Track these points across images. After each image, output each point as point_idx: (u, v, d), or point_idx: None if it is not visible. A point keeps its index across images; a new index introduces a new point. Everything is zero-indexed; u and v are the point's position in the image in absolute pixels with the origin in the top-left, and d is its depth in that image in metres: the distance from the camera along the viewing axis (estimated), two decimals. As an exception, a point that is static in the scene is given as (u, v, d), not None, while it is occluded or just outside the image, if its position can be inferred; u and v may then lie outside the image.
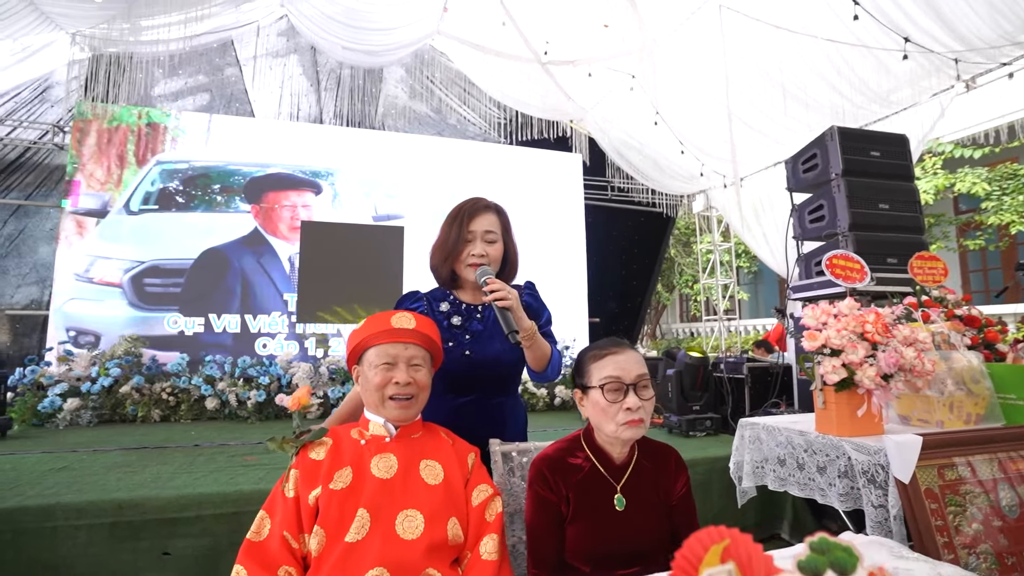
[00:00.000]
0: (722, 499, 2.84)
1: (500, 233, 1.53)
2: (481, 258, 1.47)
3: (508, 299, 1.32)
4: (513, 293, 1.35)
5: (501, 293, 1.32)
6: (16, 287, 5.29)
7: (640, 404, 1.20)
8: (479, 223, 1.50)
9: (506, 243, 1.55)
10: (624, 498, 1.22)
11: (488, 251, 1.49)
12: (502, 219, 1.57)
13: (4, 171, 5.36)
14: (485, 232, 1.50)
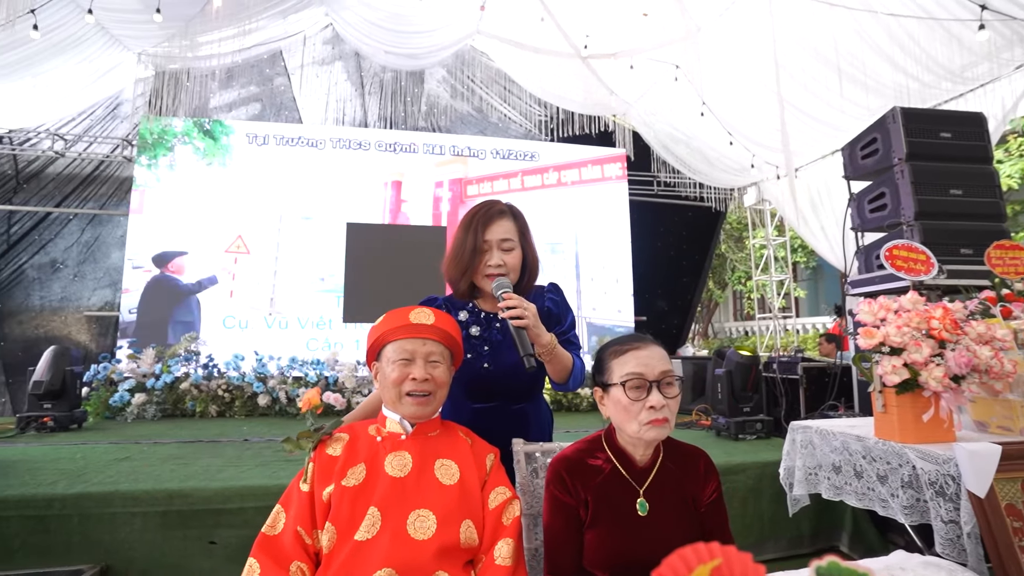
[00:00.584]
0: (772, 506, 2.68)
1: (517, 239, 1.45)
2: (499, 268, 1.40)
3: (525, 317, 1.25)
4: (531, 308, 1.27)
5: (517, 311, 1.24)
6: (93, 290, 5.71)
7: (664, 402, 1.12)
8: (494, 231, 1.42)
9: (524, 249, 1.47)
10: (647, 503, 1.15)
11: (505, 260, 1.41)
12: (518, 223, 1.48)
13: (81, 184, 5.79)
14: (501, 241, 1.42)
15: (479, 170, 6.00)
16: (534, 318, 1.27)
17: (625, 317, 5.95)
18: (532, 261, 1.49)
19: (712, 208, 6.72)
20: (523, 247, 1.47)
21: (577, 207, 6.09)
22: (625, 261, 6.12)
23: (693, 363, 4.87)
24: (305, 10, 5.65)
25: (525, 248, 1.47)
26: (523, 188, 5.98)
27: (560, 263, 5.87)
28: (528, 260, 1.48)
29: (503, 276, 1.39)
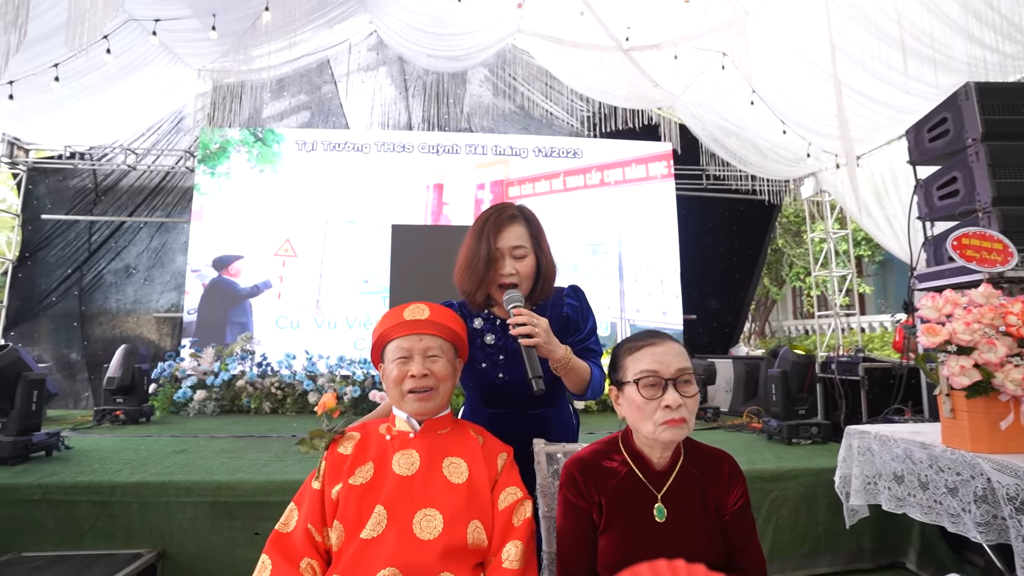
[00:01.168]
0: (828, 516, 2.50)
1: (530, 245, 1.39)
2: (511, 277, 1.34)
3: (535, 335, 1.18)
4: (542, 324, 1.20)
5: (527, 328, 1.18)
6: (160, 293, 6.10)
7: (681, 402, 1.06)
8: (505, 238, 1.36)
9: (538, 255, 1.40)
10: (665, 508, 1.08)
11: (518, 268, 1.35)
12: (531, 228, 1.42)
13: (150, 194, 6.19)
14: (512, 248, 1.36)
15: (521, 171, 5.97)
16: (546, 334, 1.20)
17: (670, 319, 5.75)
18: (547, 267, 1.42)
19: (765, 201, 6.40)
20: (537, 253, 1.40)
21: (620, 206, 5.94)
22: (672, 259, 5.92)
23: (745, 363, 4.64)
24: (350, 19, 5.81)
25: (539, 254, 1.40)
26: (565, 188, 5.90)
27: (602, 264, 5.75)
28: (543, 266, 1.40)
29: (514, 287, 1.33)
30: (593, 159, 6.07)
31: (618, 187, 5.99)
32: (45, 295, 5.93)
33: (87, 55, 4.67)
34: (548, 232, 1.51)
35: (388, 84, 6.56)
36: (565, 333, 1.39)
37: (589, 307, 1.49)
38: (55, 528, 2.42)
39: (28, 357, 2.92)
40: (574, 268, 5.70)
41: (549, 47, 5.86)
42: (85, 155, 6.09)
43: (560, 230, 5.78)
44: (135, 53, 5.02)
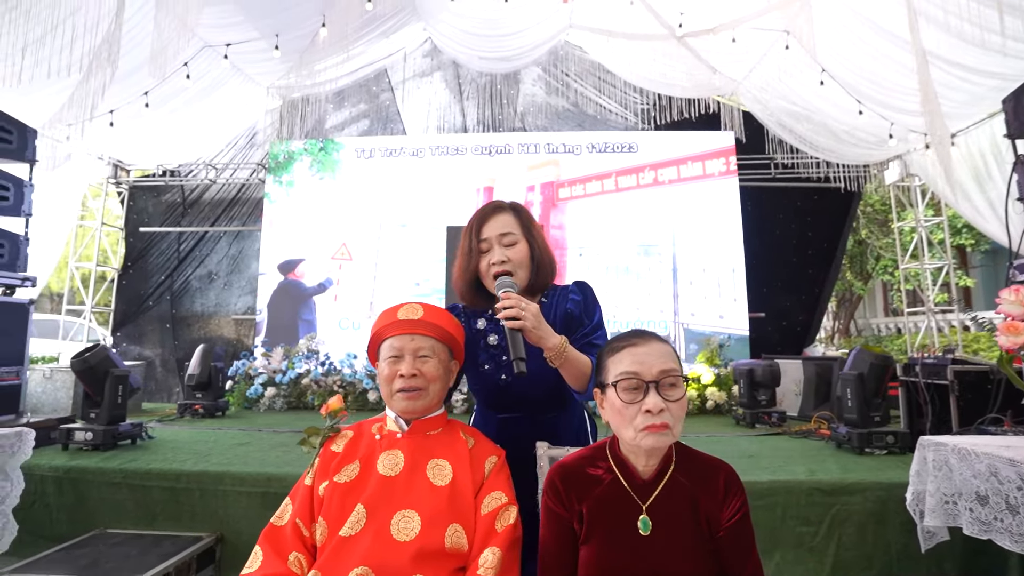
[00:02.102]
0: (903, 538, 2.24)
1: (520, 232, 1.34)
2: (502, 264, 1.29)
3: (522, 318, 1.14)
4: (531, 308, 1.16)
5: (512, 311, 1.14)
6: (238, 297, 6.57)
7: (663, 406, 0.98)
8: (492, 227, 1.33)
9: (531, 243, 1.35)
10: (650, 520, 1.00)
11: (509, 255, 1.30)
12: (520, 217, 1.37)
13: (229, 205, 6.69)
14: (501, 235, 1.32)
15: (572, 171, 5.86)
16: (534, 319, 1.15)
17: (729, 322, 5.39)
18: (543, 256, 1.36)
19: (842, 189, 5.88)
20: (529, 241, 1.34)
21: (675, 204, 5.66)
22: (734, 257, 5.54)
23: (816, 364, 4.29)
24: (404, 28, 5.98)
25: (532, 243, 1.35)
26: (617, 189, 5.73)
27: (655, 266, 5.52)
28: (538, 255, 1.35)
29: (507, 274, 1.28)
30: (649, 153, 5.84)
31: (673, 185, 5.72)
32: (143, 299, 6.57)
33: (171, 81, 5.12)
34: (599, 233, 1.45)
35: (443, 88, 6.68)
36: (570, 330, 1.34)
37: (596, 302, 1.42)
38: (132, 509, 2.66)
39: (115, 355, 3.23)
40: (625, 270, 5.52)
41: (602, 40, 5.73)
42: (175, 172, 6.68)
43: (612, 231, 5.63)
44: (211, 76, 5.44)
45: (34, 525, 2.65)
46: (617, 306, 5.44)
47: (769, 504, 2.34)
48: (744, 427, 3.92)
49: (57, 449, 2.99)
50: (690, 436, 3.55)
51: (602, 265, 5.56)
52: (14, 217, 3.45)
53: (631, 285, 5.50)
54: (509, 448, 1.33)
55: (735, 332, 5.35)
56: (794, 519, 2.29)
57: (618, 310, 5.43)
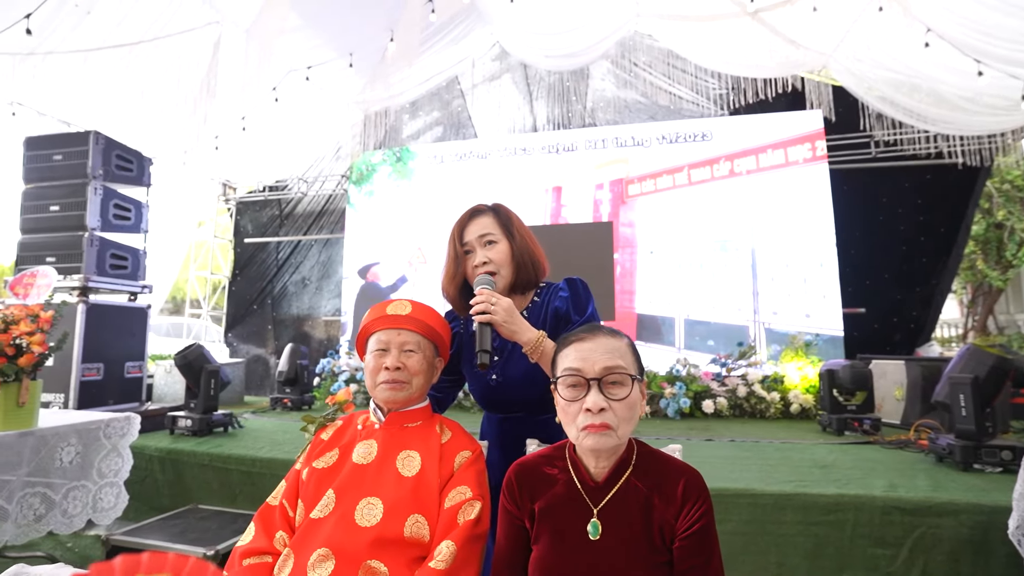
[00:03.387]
0: (1011, 573, 1.90)
1: (501, 232, 1.35)
2: (485, 265, 1.31)
3: (491, 312, 1.16)
4: (502, 303, 1.18)
5: (481, 306, 1.17)
6: (327, 300, 7.09)
7: (603, 405, 0.92)
8: (472, 230, 1.36)
9: (511, 242, 1.35)
10: (601, 525, 0.93)
11: (490, 255, 1.32)
12: (500, 218, 1.38)
13: (318, 216, 7.24)
14: (480, 237, 1.34)
15: (642, 167, 5.65)
16: (505, 313, 1.17)
17: (818, 321, 4.85)
18: (525, 255, 1.36)
19: (960, 164, 5.12)
20: (510, 240, 1.35)
21: (754, 195, 5.23)
22: (824, 249, 4.98)
23: (921, 366, 3.77)
24: (471, 34, 6.12)
25: (515, 242, 1.35)
26: (690, 183, 5.41)
27: (732, 262, 5.14)
28: (518, 254, 1.34)
29: (490, 274, 1.30)
30: (725, 143, 5.44)
31: (751, 176, 5.30)
32: (249, 303, 7.30)
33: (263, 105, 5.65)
34: (671, 230, 1.43)
35: (512, 90, 6.74)
36: (558, 327, 1.32)
37: (587, 298, 1.37)
38: (218, 488, 2.97)
39: (209, 353, 3.63)
40: (699, 267, 5.20)
41: (672, 26, 5.47)
42: (274, 187, 7.35)
43: (685, 227, 5.34)
44: (298, 97, 5.92)
45: (144, 497, 3.06)
46: (691, 305, 5.15)
47: (837, 521, 2.10)
48: (830, 434, 3.55)
49: (165, 434, 3.41)
50: (762, 443, 3.28)
51: (675, 263, 5.30)
52: (134, 234, 3.99)
53: (706, 283, 5.18)
54: (512, 448, 1.32)
55: (825, 331, 4.84)
56: (865, 539, 2.03)
57: (692, 310, 5.14)
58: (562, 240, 5.70)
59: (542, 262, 1.41)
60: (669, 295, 5.24)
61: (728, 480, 2.37)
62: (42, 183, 3.67)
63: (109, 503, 2.58)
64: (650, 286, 5.34)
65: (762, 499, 2.20)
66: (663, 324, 5.22)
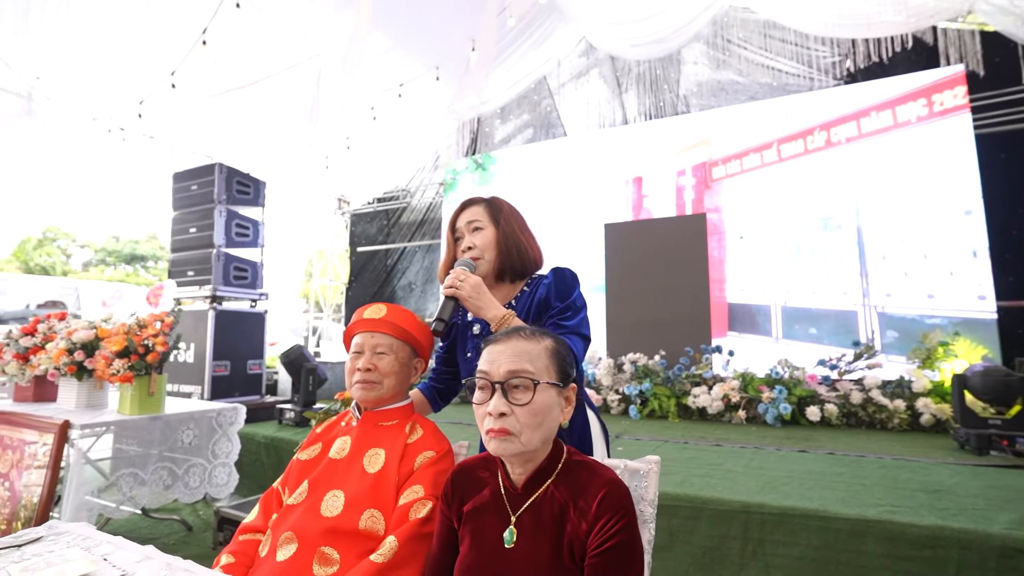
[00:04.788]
0: None
1: (487, 219, 1.40)
2: (470, 251, 1.37)
3: (457, 287, 1.22)
4: (470, 280, 1.23)
5: (451, 280, 1.24)
6: (432, 302, 7.52)
7: (504, 409, 0.89)
8: (463, 218, 1.42)
9: (498, 229, 1.39)
10: (516, 533, 0.88)
11: (475, 240, 1.37)
12: (490, 207, 1.43)
13: (421, 223, 7.71)
14: (468, 223, 1.40)
15: (726, 148, 5.20)
16: (472, 289, 1.22)
17: (945, 303, 4.08)
18: (511, 242, 1.38)
19: None
20: (496, 227, 1.38)
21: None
22: (975, 221, 4.18)
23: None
24: (553, 34, 6.11)
25: (503, 229, 1.38)
26: (780, 159, 4.86)
27: (836, 241, 4.50)
28: (503, 241, 1.37)
29: (473, 258, 1.35)
30: (846, 110, 4.80)
31: (852, 145, 4.59)
32: (364, 307, 8.00)
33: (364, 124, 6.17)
34: (762, 211, 1.40)
35: (600, 85, 6.60)
36: (541, 315, 1.33)
37: (571, 286, 1.36)
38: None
39: (308, 353, 4.06)
40: (796, 249, 4.64)
41: (769, -8, 4.97)
42: (382, 199, 7.98)
43: (777, 207, 4.82)
44: (395, 114, 6.37)
45: (253, 478, 3.50)
46: (789, 291, 4.64)
47: (935, 558, 1.77)
48: (968, 453, 2.96)
49: (275, 423, 3.88)
50: (868, 458, 2.85)
51: (768, 247, 4.81)
52: (253, 248, 4.59)
53: (805, 266, 4.63)
54: None
55: (959, 315, 4.03)
56: (971, 584, 1.68)
57: (790, 296, 4.63)
58: (652, 235, 5.44)
59: (531, 252, 1.43)
60: (763, 282, 4.80)
61: (801, 498, 2.10)
62: (183, 210, 4.38)
63: (222, 480, 3.00)
64: (741, 273, 4.93)
65: (835, 523, 1.92)
66: (758, 313, 4.78)
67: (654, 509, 1.08)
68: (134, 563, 0.90)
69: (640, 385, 4.68)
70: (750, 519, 2.05)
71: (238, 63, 4.65)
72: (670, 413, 4.39)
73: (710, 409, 4.23)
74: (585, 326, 1.30)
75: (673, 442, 3.35)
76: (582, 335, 1.27)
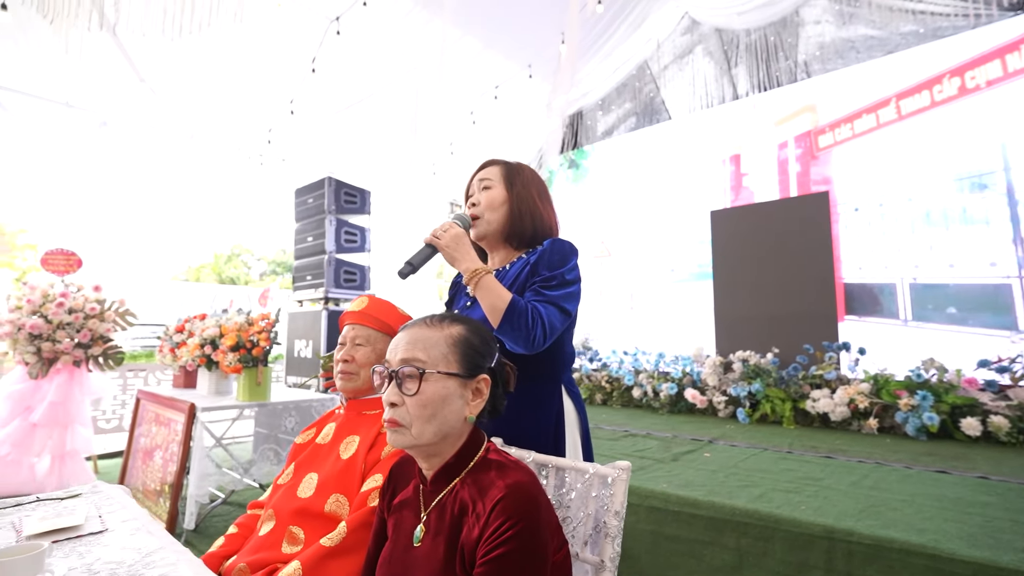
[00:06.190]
0: None
1: (499, 180, 1.35)
2: (473, 208, 1.35)
3: (437, 236, 1.21)
4: (452, 231, 1.21)
5: (435, 230, 1.23)
6: (537, 299, 7.56)
7: (393, 399, 0.86)
8: (476, 177, 1.39)
9: (509, 191, 1.34)
10: (424, 531, 0.82)
11: (481, 198, 1.34)
12: (507, 169, 1.38)
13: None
14: (480, 181, 1.37)
15: (832, 112, 4.47)
16: (451, 239, 1.20)
17: None
18: (524, 208, 1.34)
19: None
20: (508, 190, 1.34)
21: (1015, 112, 3.54)
22: None
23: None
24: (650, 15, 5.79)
25: (514, 192, 1.34)
26: (900, 117, 4.01)
27: (975, 204, 3.61)
28: (516, 205, 1.33)
29: (473, 216, 1.34)
30: (977, 49, 3.86)
31: (1002, 86, 3.61)
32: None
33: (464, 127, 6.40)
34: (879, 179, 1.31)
35: (707, 62, 6.10)
36: (527, 281, 1.27)
37: (563, 256, 1.26)
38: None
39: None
40: (925, 216, 3.81)
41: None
42: (491, 201, 8.23)
43: (898, 172, 4.02)
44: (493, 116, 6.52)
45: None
46: (918, 266, 3.84)
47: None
48: None
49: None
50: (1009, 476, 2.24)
51: (890, 217, 4.04)
52: (360, 253, 5.00)
53: (938, 236, 3.80)
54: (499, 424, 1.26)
55: None
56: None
57: (920, 271, 3.83)
58: (765, 219, 4.87)
59: (546, 220, 1.37)
60: (886, 257, 4.03)
61: (909, 529, 1.72)
62: (303, 221, 4.92)
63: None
64: (858, 249, 4.21)
65: (950, 566, 1.54)
66: (880, 292, 4.04)
67: (620, 522, 0.95)
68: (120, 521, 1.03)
69: (749, 386, 4.23)
70: (834, 547, 1.74)
71: (344, 85, 5.11)
72: (784, 418, 3.90)
73: (833, 415, 3.67)
74: (569, 300, 1.21)
75: (774, 450, 2.96)
76: (561, 308, 1.18)
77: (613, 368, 5.38)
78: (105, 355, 4.03)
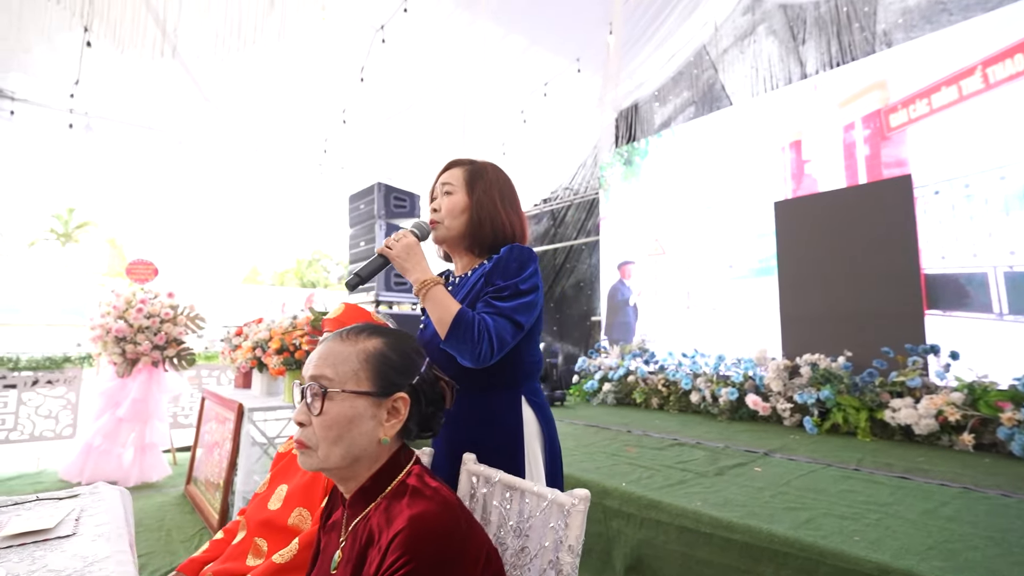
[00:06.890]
0: None
1: (460, 184, 1.29)
2: (434, 213, 1.30)
3: (390, 246, 1.19)
4: (404, 241, 1.18)
5: (388, 240, 1.21)
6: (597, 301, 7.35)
7: (301, 419, 0.82)
8: (439, 180, 1.34)
9: (476, 199, 1.26)
10: (341, 557, 0.79)
11: (441, 204, 1.29)
12: (470, 173, 1.30)
13: (584, 220, 7.61)
14: (442, 185, 1.31)
15: (906, 87, 3.94)
16: (403, 250, 1.18)
17: None
18: (484, 214, 1.27)
19: None
20: (470, 196, 1.28)
21: None
22: None
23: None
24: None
25: (475, 197, 1.27)
26: (987, 86, 3.43)
27: None
28: (477, 212, 1.27)
29: (433, 222, 1.30)
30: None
31: None
32: (536, 307, 8.23)
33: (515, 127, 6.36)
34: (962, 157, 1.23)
35: (771, 42, 5.64)
36: (481, 291, 1.22)
37: (519, 265, 1.19)
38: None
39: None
40: (1018, 198, 3.22)
41: None
42: (547, 199, 8.12)
43: (985, 148, 3.48)
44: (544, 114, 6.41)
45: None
46: (1014, 252, 3.30)
47: None
48: None
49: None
50: None
51: (978, 199, 3.50)
52: (411, 256, 5.08)
53: None
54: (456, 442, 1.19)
55: None
56: None
57: (1016, 257, 3.31)
58: (837, 209, 4.42)
59: (508, 228, 1.30)
60: (974, 243, 3.49)
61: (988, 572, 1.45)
62: (356, 226, 5.07)
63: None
64: (942, 236, 3.68)
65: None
66: (969, 283, 3.50)
67: (575, 558, 0.84)
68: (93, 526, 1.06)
69: (817, 392, 3.85)
70: (888, 587, 1.50)
71: (393, 92, 5.22)
72: (859, 429, 3.50)
73: (917, 428, 3.25)
74: (522, 313, 1.13)
75: (838, 467, 2.65)
76: (513, 320, 1.11)
77: (670, 371, 5.11)
78: (179, 356, 4.36)
